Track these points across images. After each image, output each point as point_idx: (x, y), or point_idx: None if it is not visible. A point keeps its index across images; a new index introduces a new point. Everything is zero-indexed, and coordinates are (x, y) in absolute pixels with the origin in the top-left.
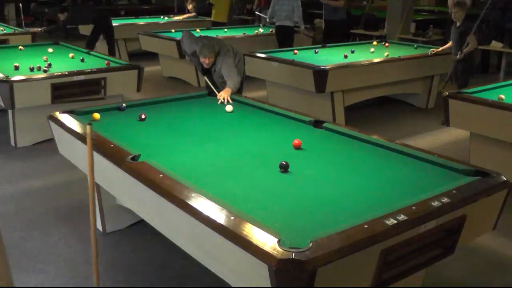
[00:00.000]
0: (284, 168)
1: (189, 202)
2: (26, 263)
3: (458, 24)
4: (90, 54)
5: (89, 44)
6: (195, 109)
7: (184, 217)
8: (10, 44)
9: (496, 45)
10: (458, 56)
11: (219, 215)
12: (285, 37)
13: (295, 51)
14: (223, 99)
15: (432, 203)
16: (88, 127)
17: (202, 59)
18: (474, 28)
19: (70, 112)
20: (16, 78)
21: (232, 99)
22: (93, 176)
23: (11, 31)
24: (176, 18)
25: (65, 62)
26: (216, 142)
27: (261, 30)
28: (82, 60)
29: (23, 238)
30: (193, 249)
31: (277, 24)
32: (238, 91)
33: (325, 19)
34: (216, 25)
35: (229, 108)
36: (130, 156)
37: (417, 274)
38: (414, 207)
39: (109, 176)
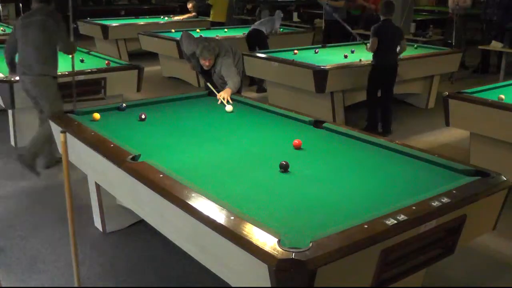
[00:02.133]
0: (284, 168)
1: (189, 202)
2: (26, 263)
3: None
4: (90, 54)
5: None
6: (195, 109)
7: (184, 217)
8: None
9: (496, 45)
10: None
11: (219, 215)
12: (255, 42)
13: (295, 51)
14: (223, 99)
15: (432, 203)
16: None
17: (202, 61)
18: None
19: (70, 112)
20: (16, 78)
21: (232, 99)
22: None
23: (10, 30)
24: (176, 18)
25: (65, 62)
26: (216, 142)
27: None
28: (82, 61)
29: (23, 238)
30: (193, 249)
31: (252, 27)
32: (237, 90)
33: (325, 19)
34: (215, 25)
35: (229, 108)
36: (130, 156)
37: (417, 274)
38: (414, 207)
39: (109, 176)
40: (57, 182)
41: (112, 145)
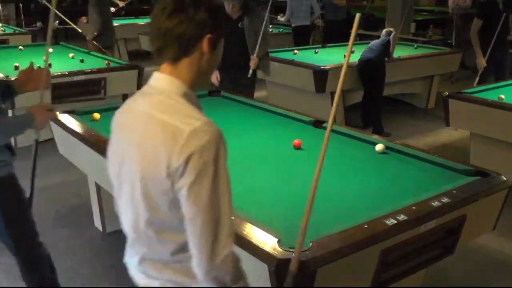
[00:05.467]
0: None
1: None
2: None
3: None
4: (90, 54)
5: None
6: None
7: None
8: (10, 44)
9: None
10: None
11: None
12: (304, 37)
13: (295, 51)
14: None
15: (432, 203)
16: None
17: (226, 6)
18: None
19: (70, 112)
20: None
21: (232, 99)
22: None
23: (11, 31)
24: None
25: (65, 62)
26: None
27: None
28: (82, 61)
29: None
30: None
31: (295, 25)
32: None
33: (325, 19)
34: None
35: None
36: None
37: (417, 274)
38: (414, 207)
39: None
40: (57, 182)
41: None
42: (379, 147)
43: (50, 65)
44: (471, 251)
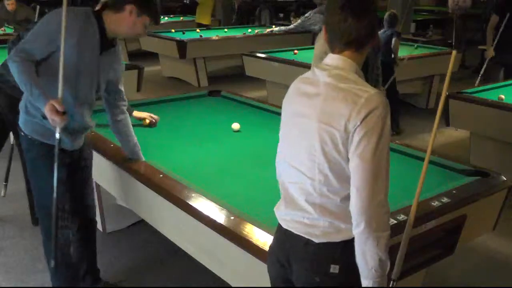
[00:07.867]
0: None
1: (189, 202)
2: (26, 263)
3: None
4: None
5: None
6: (195, 109)
7: (184, 217)
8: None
9: None
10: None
11: (219, 215)
12: None
13: (295, 51)
14: None
15: (432, 203)
16: None
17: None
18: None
19: None
20: None
21: (232, 99)
22: None
23: (12, 31)
24: None
25: None
26: (216, 142)
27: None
28: None
29: (23, 238)
30: (193, 249)
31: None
32: None
33: None
34: (201, 26)
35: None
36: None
37: (417, 274)
38: None
39: (109, 176)
40: None
41: (112, 145)
42: (235, 126)
43: None
44: (471, 251)
